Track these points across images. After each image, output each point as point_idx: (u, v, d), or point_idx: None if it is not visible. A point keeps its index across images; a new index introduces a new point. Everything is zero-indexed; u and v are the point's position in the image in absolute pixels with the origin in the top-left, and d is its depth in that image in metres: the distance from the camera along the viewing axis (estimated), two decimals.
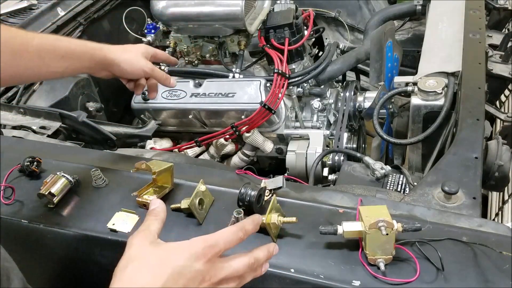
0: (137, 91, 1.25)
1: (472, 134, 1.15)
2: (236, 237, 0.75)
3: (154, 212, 0.79)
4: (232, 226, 0.77)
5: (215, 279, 0.70)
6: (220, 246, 0.72)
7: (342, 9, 2.42)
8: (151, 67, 1.21)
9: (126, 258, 0.70)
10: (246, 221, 0.79)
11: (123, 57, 1.16)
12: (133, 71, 1.19)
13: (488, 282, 0.78)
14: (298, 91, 1.79)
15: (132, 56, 1.18)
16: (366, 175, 1.32)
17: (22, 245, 1.01)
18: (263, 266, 0.77)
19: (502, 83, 1.59)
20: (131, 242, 0.72)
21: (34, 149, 1.22)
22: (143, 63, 1.20)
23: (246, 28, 1.68)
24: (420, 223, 0.83)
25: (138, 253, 0.70)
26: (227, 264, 0.72)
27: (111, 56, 1.13)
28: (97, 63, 1.12)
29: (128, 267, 0.68)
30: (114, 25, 2.09)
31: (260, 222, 0.82)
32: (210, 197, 0.99)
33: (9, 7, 2.04)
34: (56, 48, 1.04)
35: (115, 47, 1.16)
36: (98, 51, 1.12)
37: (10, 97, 1.70)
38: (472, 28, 1.58)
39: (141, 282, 0.66)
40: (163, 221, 0.78)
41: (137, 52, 1.20)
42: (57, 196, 1.01)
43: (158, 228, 0.76)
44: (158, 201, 0.82)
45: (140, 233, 0.74)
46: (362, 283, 0.80)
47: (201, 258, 0.69)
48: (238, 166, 1.85)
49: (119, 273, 0.68)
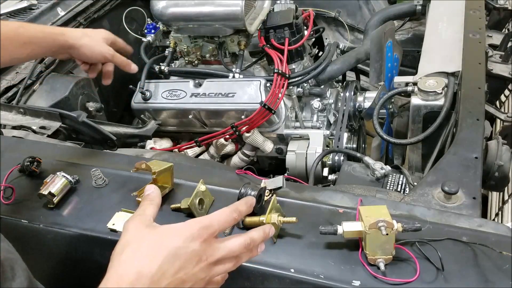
0: (91, 74, 1.31)
1: (472, 134, 1.15)
2: (231, 218, 0.75)
3: (149, 197, 0.79)
4: (226, 207, 0.77)
5: (212, 259, 0.71)
6: (215, 227, 0.72)
7: (342, 9, 2.42)
8: (112, 53, 1.28)
9: (122, 242, 0.70)
10: (239, 203, 0.80)
11: (83, 42, 1.22)
12: (92, 56, 1.25)
13: (488, 282, 0.78)
14: (298, 91, 1.79)
15: (92, 41, 1.24)
16: (366, 175, 1.32)
17: (22, 245, 1.01)
18: (259, 247, 0.77)
19: (502, 83, 1.59)
20: (126, 227, 0.73)
21: (34, 149, 1.22)
22: (104, 49, 1.26)
23: (246, 28, 1.68)
24: (420, 223, 0.83)
25: (134, 237, 0.71)
26: (223, 245, 0.73)
27: (71, 41, 1.20)
28: (58, 48, 1.19)
29: (124, 251, 0.69)
30: (114, 25, 2.09)
31: (253, 203, 0.82)
32: (210, 197, 0.99)
33: (9, 7, 2.04)
34: (18, 35, 1.10)
35: (76, 32, 1.23)
36: (59, 36, 1.18)
37: (10, 97, 1.70)
38: (472, 28, 1.58)
39: (138, 265, 0.67)
40: (158, 205, 0.79)
41: (97, 37, 1.26)
42: (57, 196, 1.01)
43: (154, 212, 0.76)
44: (152, 186, 0.83)
45: (136, 218, 0.74)
46: (362, 283, 0.80)
47: (196, 239, 0.70)
48: (238, 166, 1.85)
49: (116, 257, 0.69)
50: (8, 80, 1.74)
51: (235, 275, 0.85)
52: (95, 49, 1.24)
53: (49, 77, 1.77)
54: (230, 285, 0.86)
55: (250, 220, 0.90)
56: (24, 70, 1.79)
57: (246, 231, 0.77)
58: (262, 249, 0.78)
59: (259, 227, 0.78)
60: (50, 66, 1.81)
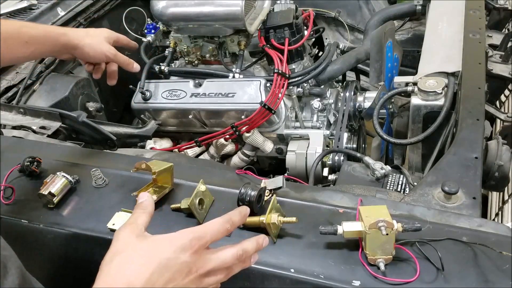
0: (96, 75, 1.31)
1: (472, 134, 1.15)
2: (223, 229, 0.74)
3: (142, 206, 0.78)
4: (219, 218, 0.76)
5: (202, 270, 0.70)
6: (207, 237, 0.71)
7: (342, 9, 2.42)
8: (114, 52, 1.27)
9: (112, 251, 0.70)
10: (233, 213, 0.78)
11: (86, 42, 1.21)
12: (95, 55, 1.24)
13: (488, 282, 0.78)
14: (298, 91, 1.79)
15: (94, 41, 1.23)
16: (366, 175, 1.32)
17: (22, 245, 1.01)
18: (252, 258, 0.76)
19: (502, 83, 1.59)
20: (117, 235, 0.72)
21: (34, 149, 1.22)
22: (106, 48, 1.25)
23: (246, 28, 1.68)
24: (420, 223, 0.83)
25: (125, 246, 0.70)
26: (215, 256, 0.72)
27: (74, 41, 1.20)
28: (61, 47, 1.19)
29: (114, 260, 0.68)
30: (114, 25, 2.08)
31: (247, 213, 0.81)
32: (210, 197, 0.99)
33: (9, 7, 2.04)
34: (20, 34, 1.10)
35: (79, 32, 1.23)
36: (62, 36, 1.18)
37: (10, 97, 1.70)
38: (472, 28, 1.58)
39: (127, 275, 0.66)
40: (151, 214, 0.78)
41: (100, 37, 1.25)
42: (57, 196, 1.01)
43: (146, 221, 0.75)
44: (146, 194, 0.82)
45: (127, 226, 0.73)
46: (362, 283, 0.80)
47: (187, 250, 0.69)
48: (238, 166, 1.85)
49: (105, 266, 0.68)
50: (8, 80, 1.74)
51: (235, 275, 0.85)
52: (97, 49, 1.24)
53: (49, 77, 1.77)
54: (230, 285, 0.86)
55: (250, 220, 0.90)
56: (24, 70, 1.79)
57: (239, 242, 0.76)
58: (256, 259, 0.77)
59: (252, 238, 0.77)
60: (50, 66, 1.81)
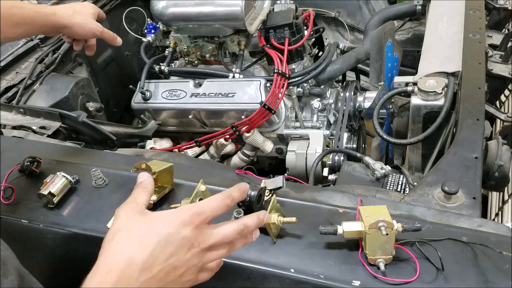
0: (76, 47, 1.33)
1: (472, 134, 1.15)
2: (223, 204, 0.74)
3: (142, 185, 0.79)
4: (218, 194, 0.75)
5: (204, 245, 0.70)
6: (207, 213, 0.71)
7: (342, 9, 2.42)
8: (101, 29, 1.31)
9: (113, 229, 0.70)
10: (232, 189, 0.78)
11: (74, 21, 1.25)
12: (83, 33, 1.28)
13: (488, 282, 0.78)
14: (298, 91, 1.79)
15: (83, 19, 1.27)
16: (366, 175, 1.32)
17: (22, 245, 1.01)
18: (253, 233, 0.76)
19: (502, 83, 1.59)
20: (118, 213, 0.72)
21: (34, 149, 1.22)
22: (94, 26, 1.29)
23: (246, 28, 1.68)
24: (420, 223, 0.83)
25: (125, 224, 0.70)
26: (216, 231, 0.72)
27: (63, 21, 1.23)
28: (50, 27, 1.22)
29: (115, 238, 0.68)
30: (114, 25, 2.08)
31: (246, 189, 0.80)
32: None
33: None
34: (11, 15, 1.11)
35: (67, 9, 1.25)
36: (51, 16, 1.21)
37: (10, 97, 1.70)
38: (472, 28, 1.58)
39: (129, 251, 0.66)
40: (151, 193, 0.78)
41: (87, 14, 1.28)
42: (57, 196, 1.01)
43: (146, 200, 0.76)
44: (145, 174, 0.82)
45: (127, 205, 0.73)
46: (362, 283, 0.80)
47: (188, 225, 0.69)
48: (238, 166, 1.85)
49: (106, 244, 0.68)
50: (8, 80, 1.74)
51: (235, 275, 0.85)
52: (86, 28, 1.27)
53: (49, 77, 1.77)
54: (230, 285, 0.86)
55: None
56: (24, 70, 1.78)
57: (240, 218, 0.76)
58: (257, 235, 0.77)
59: (253, 214, 0.77)
60: (50, 66, 1.81)
